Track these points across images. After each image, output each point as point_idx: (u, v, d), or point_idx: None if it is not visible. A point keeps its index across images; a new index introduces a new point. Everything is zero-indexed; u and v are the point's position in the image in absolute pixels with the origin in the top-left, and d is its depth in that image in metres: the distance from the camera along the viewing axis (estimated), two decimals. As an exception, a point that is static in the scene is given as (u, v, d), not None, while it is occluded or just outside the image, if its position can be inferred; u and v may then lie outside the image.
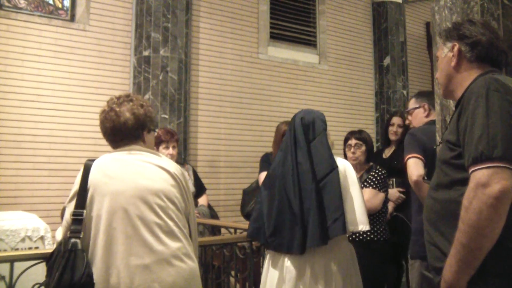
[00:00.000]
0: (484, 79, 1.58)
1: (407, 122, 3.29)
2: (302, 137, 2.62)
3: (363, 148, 3.63)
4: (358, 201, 2.66)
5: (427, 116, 3.08)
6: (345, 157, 3.66)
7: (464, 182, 1.50)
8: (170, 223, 1.92)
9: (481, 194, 1.41)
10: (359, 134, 3.70)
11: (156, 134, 2.30)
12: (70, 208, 1.90)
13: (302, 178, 2.53)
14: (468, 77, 1.73)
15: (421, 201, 2.59)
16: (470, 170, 1.47)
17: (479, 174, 1.43)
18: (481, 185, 1.42)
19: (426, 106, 3.07)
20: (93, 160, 1.99)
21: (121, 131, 2.06)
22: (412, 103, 3.20)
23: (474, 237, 1.43)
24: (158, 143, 3.85)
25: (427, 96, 3.13)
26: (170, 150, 3.93)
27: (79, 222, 1.86)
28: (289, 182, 2.54)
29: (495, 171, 1.41)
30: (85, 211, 1.87)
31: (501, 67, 1.78)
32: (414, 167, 2.66)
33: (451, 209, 1.57)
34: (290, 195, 2.51)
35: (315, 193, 2.48)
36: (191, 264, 1.94)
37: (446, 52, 1.82)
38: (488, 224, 1.41)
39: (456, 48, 1.77)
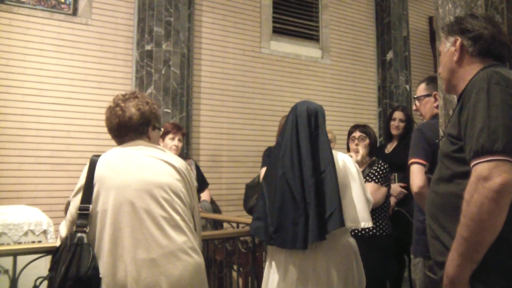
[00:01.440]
0: (485, 73, 1.58)
1: (414, 108, 3.11)
2: (306, 127, 2.54)
3: (367, 141, 3.63)
4: (360, 198, 2.63)
5: (438, 106, 2.97)
6: (348, 150, 3.66)
7: (466, 175, 1.50)
8: (176, 216, 1.93)
9: (482, 188, 1.41)
10: (363, 128, 3.70)
11: (161, 132, 2.31)
12: (76, 202, 1.91)
13: (304, 170, 2.48)
14: (470, 71, 1.72)
15: (421, 209, 2.56)
16: (471, 164, 1.47)
17: (480, 168, 1.43)
18: (482, 178, 1.41)
19: (437, 95, 2.90)
20: (99, 156, 1.99)
21: (126, 126, 2.08)
22: (421, 90, 3.01)
23: (476, 230, 1.43)
24: (164, 133, 3.87)
25: (438, 84, 2.97)
26: (176, 142, 3.94)
27: (85, 217, 1.87)
28: (291, 174, 2.48)
29: (496, 164, 1.41)
30: (91, 205, 1.88)
31: (504, 60, 1.77)
32: (417, 176, 2.59)
33: (452, 202, 1.57)
34: (293, 188, 2.45)
35: (315, 186, 2.44)
36: (197, 258, 1.96)
37: (448, 46, 1.82)
38: (490, 217, 1.41)
39: (458, 43, 1.77)
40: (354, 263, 2.58)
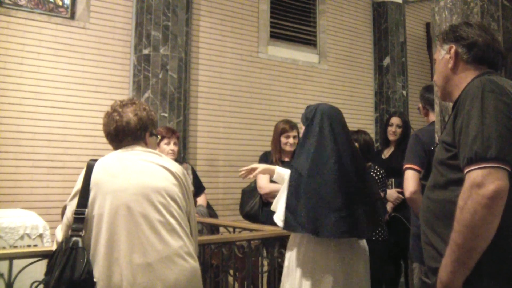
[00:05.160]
0: (479, 80, 1.60)
1: (418, 107, 3.19)
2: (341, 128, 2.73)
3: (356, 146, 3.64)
4: None
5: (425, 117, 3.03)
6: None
7: (460, 182, 1.52)
8: (173, 221, 1.93)
9: (475, 195, 1.42)
10: (356, 135, 3.71)
11: (158, 139, 2.32)
12: (72, 207, 1.91)
13: (358, 167, 2.58)
14: (465, 78, 1.74)
15: (417, 214, 2.58)
16: (465, 171, 1.48)
17: (473, 175, 1.45)
18: (476, 185, 1.43)
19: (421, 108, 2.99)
20: (95, 160, 2.00)
21: (123, 131, 2.08)
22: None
23: (469, 237, 1.44)
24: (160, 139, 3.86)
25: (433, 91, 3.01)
26: (171, 146, 3.94)
27: (80, 221, 1.87)
28: (349, 170, 2.52)
29: (490, 172, 1.42)
30: (87, 210, 1.88)
31: (498, 68, 1.78)
32: (410, 181, 2.61)
33: (446, 209, 1.58)
34: (353, 183, 2.50)
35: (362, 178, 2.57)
36: (193, 263, 1.96)
37: (443, 54, 1.83)
38: (483, 224, 1.42)
39: (453, 50, 1.78)
40: (367, 264, 2.68)
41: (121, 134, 2.09)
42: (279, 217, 2.63)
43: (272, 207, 2.77)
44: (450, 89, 1.81)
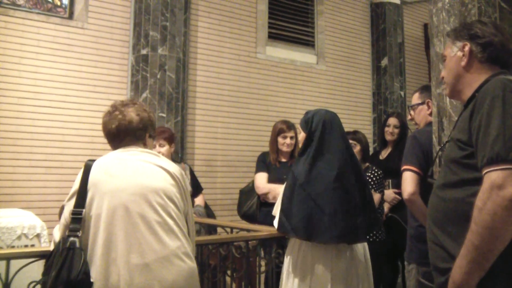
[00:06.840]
0: (499, 80, 1.57)
1: (409, 117, 3.17)
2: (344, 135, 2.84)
3: (358, 148, 3.65)
4: None
5: (431, 113, 3.00)
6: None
7: (475, 182, 1.50)
8: (170, 221, 1.93)
9: (496, 196, 1.39)
10: (353, 135, 3.72)
11: (154, 142, 2.33)
12: (69, 207, 1.91)
13: (357, 172, 2.72)
14: (478, 77, 1.71)
15: (415, 216, 2.57)
16: (485, 171, 1.45)
17: (494, 175, 1.41)
18: (496, 186, 1.40)
19: (430, 103, 2.89)
20: (93, 160, 2.00)
21: (125, 130, 2.08)
22: (415, 99, 3.06)
23: (487, 238, 1.41)
24: None
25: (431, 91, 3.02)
26: (158, 148, 3.83)
27: (78, 221, 1.87)
28: (348, 176, 2.63)
29: (511, 173, 1.40)
30: (84, 210, 1.88)
31: (510, 68, 1.75)
32: (408, 183, 2.59)
33: (459, 209, 1.55)
34: (350, 189, 2.61)
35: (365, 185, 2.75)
36: (190, 264, 1.96)
37: (455, 51, 1.79)
38: (502, 226, 1.39)
39: (467, 48, 1.74)
40: (368, 267, 2.75)
41: (122, 133, 2.09)
42: (275, 219, 2.68)
43: (273, 212, 2.80)
44: (460, 87, 1.78)
